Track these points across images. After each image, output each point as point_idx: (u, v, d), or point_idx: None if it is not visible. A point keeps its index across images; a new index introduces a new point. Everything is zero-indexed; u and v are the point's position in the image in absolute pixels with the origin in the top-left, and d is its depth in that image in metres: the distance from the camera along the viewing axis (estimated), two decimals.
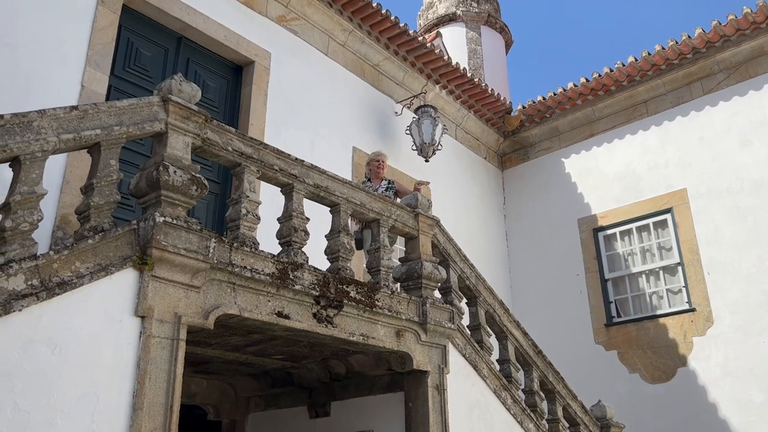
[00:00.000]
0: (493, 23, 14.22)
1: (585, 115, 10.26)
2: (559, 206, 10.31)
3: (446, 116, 10.09)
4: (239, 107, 7.09)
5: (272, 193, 4.97)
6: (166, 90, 3.75)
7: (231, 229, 4.08)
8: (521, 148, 11.12)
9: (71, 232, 5.02)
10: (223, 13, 6.92)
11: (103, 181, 3.40)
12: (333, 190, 4.77)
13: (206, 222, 6.45)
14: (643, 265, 9.36)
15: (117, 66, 6.04)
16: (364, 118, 8.59)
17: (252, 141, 4.27)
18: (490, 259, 10.16)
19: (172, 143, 3.67)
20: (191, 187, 3.60)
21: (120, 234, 3.30)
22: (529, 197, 10.80)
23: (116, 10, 5.94)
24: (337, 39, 8.41)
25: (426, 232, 5.45)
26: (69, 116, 3.27)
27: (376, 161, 6.88)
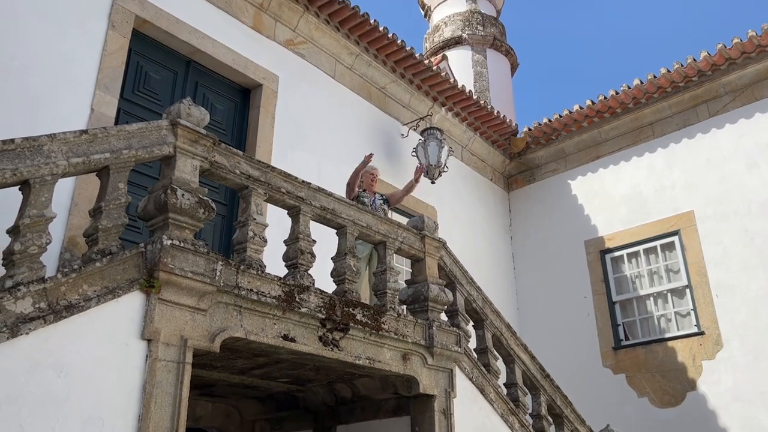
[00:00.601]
0: (499, 46, 14.33)
1: (591, 137, 10.28)
2: (565, 228, 10.28)
3: (452, 138, 10.13)
4: (247, 130, 7.14)
5: (279, 215, 4.99)
6: (175, 114, 3.78)
7: (238, 251, 4.09)
8: (527, 169, 11.13)
9: (79, 253, 5.04)
10: (232, 37, 7.00)
11: (112, 204, 3.42)
12: (339, 212, 4.78)
13: (213, 244, 6.46)
14: (650, 287, 9.30)
15: (126, 89, 6.11)
16: (370, 140, 8.63)
17: (259, 164, 4.30)
18: (497, 280, 10.12)
19: (180, 166, 3.70)
20: (199, 210, 3.62)
21: (127, 257, 3.31)
22: (535, 219, 10.78)
23: (126, 35, 6.02)
24: (344, 62, 8.48)
25: (432, 255, 5.44)
26: (79, 140, 3.30)
27: (371, 174, 6.94)
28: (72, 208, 5.16)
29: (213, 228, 6.49)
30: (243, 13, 7.25)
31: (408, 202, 8.87)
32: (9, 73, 5.15)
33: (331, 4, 7.85)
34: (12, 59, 5.21)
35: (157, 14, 6.30)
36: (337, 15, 8.03)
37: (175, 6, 6.50)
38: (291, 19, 7.75)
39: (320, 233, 5.50)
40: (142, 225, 5.43)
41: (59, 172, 3.19)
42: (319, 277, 4.72)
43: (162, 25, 6.32)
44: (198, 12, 6.72)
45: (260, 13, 7.45)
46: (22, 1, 5.39)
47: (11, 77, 5.16)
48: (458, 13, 14.64)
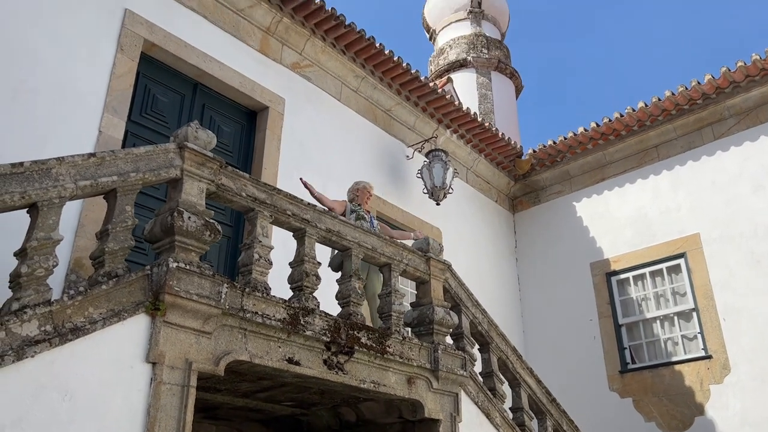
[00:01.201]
0: (504, 69, 14.43)
1: (596, 160, 10.31)
2: (571, 250, 10.26)
3: (457, 160, 10.17)
4: (253, 152, 7.19)
5: (284, 236, 5.00)
6: (183, 137, 3.82)
7: (243, 273, 4.10)
8: (532, 191, 11.14)
9: (85, 275, 5.05)
10: (239, 61, 7.08)
11: (118, 227, 3.44)
12: (345, 234, 4.79)
13: (218, 265, 6.47)
14: (657, 310, 9.24)
15: (134, 112, 6.17)
16: (375, 162, 8.67)
17: (265, 186, 4.33)
18: (502, 303, 10.08)
19: (187, 189, 3.72)
20: (205, 233, 3.64)
21: (133, 279, 3.32)
22: (540, 241, 10.76)
23: (135, 58, 6.09)
24: (349, 85, 8.55)
25: (437, 277, 5.44)
26: (87, 163, 3.33)
27: (368, 191, 6.67)
28: (78, 230, 5.19)
29: (218, 249, 6.50)
30: (250, 36, 7.34)
31: (413, 224, 8.87)
32: (19, 96, 5.21)
33: (338, 28, 7.94)
34: (22, 82, 5.27)
35: (166, 38, 6.38)
36: (343, 38, 8.12)
37: (184, 30, 6.58)
38: (298, 42, 7.84)
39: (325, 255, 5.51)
40: (148, 247, 5.45)
41: (67, 195, 3.21)
42: (324, 299, 4.72)
43: (170, 48, 6.40)
44: (206, 36, 6.81)
45: (267, 36, 7.54)
46: (34, 26, 5.47)
47: (21, 100, 5.22)
48: (463, 36, 14.77)
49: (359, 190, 6.68)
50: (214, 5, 7.00)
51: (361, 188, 6.71)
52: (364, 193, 6.64)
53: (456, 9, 15.24)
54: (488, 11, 15.27)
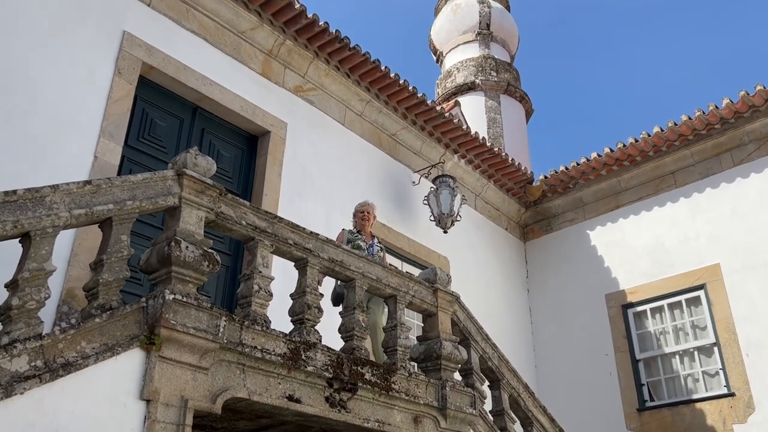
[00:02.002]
0: (513, 92, 14.54)
1: (610, 186, 10.32)
2: (585, 280, 10.22)
3: (465, 186, 10.20)
4: (254, 177, 7.23)
5: (284, 264, 4.99)
6: (181, 164, 3.85)
7: (242, 306, 4.10)
8: (544, 219, 11.14)
9: (77, 306, 5.05)
10: (240, 84, 7.16)
11: (113, 257, 3.45)
12: (348, 264, 4.79)
13: (216, 296, 6.46)
14: (676, 345, 9.16)
15: (131, 136, 6.22)
16: (380, 189, 8.70)
17: (266, 215, 4.34)
18: (513, 336, 10.01)
19: (185, 218, 3.74)
20: (203, 263, 3.65)
21: (128, 312, 3.32)
22: (553, 270, 10.73)
23: (133, 81, 6.17)
24: (354, 109, 8.63)
25: (445, 309, 5.42)
26: (82, 191, 3.36)
27: (361, 212, 6.37)
28: (71, 259, 5.20)
29: (216, 279, 6.50)
30: (252, 59, 7.43)
31: (419, 252, 8.87)
32: (12, 120, 5.27)
33: (342, 51, 8.03)
34: (16, 106, 5.33)
35: (165, 61, 6.47)
36: (347, 61, 8.21)
37: (183, 52, 6.67)
38: (300, 65, 7.93)
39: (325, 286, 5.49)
40: (144, 277, 5.45)
41: (61, 224, 3.23)
42: (326, 332, 4.70)
43: (169, 71, 6.48)
44: (206, 58, 6.90)
45: (269, 59, 7.63)
46: (29, 48, 5.56)
47: (14, 124, 5.27)
48: (471, 58, 14.92)
49: (355, 215, 6.49)
50: (215, 27, 7.11)
51: (356, 212, 6.48)
52: (362, 216, 6.39)
53: (464, 31, 15.42)
54: (497, 33, 15.44)
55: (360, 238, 6.21)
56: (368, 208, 6.44)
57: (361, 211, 6.43)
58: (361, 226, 6.38)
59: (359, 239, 6.17)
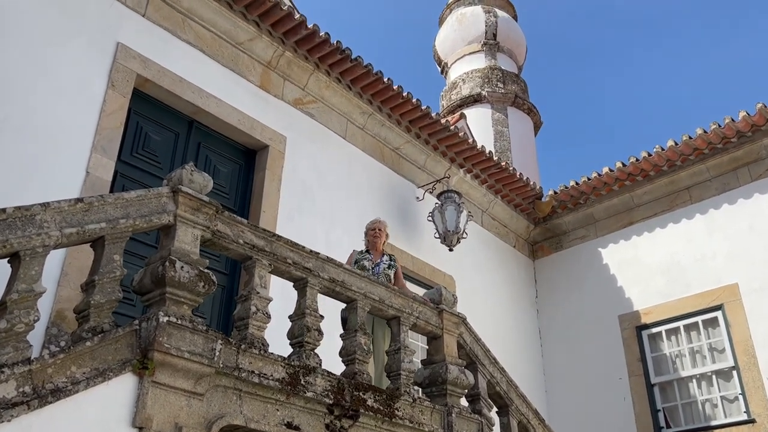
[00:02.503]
0: (521, 104, 14.60)
1: (623, 202, 10.32)
2: (597, 300, 10.19)
3: (471, 202, 10.21)
4: (251, 193, 7.25)
5: (283, 284, 5.00)
6: (177, 180, 3.87)
7: (239, 328, 4.10)
8: (554, 236, 11.13)
9: (67, 328, 5.05)
10: (238, 97, 7.20)
11: (106, 278, 3.46)
12: (350, 284, 4.80)
13: (211, 318, 6.46)
14: (693, 368, 9.12)
15: (124, 151, 6.25)
16: (383, 204, 8.72)
17: (265, 233, 4.35)
18: (523, 360, 9.97)
19: (180, 236, 3.75)
20: (198, 284, 3.65)
21: (120, 335, 3.32)
22: (563, 290, 10.70)
23: (126, 94, 6.21)
24: (355, 122, 8.67)
25: (451, 331, 5.41)
26: (73, 209, 3.37)
27: (372, 230, 6.44)
28: (61, 279, 5.21)
29: (212, 300, 6.50)
30: (250, 71, 7.48)
31: (423, 271, 8.87)
32: (1, 134, 5.30)
33: (343, 62, 8.09)
34: (5, 120, 5.37)
35: (160, 73, 6.52)
36: (348, 73, 8.26)
37: (179, 64, 6.73)
38: (300, 77, 7.99)
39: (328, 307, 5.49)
40: (137, 298, 5.45)
41: (51, 244, 3.24)
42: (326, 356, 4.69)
43: (164, 84, 6.53)
44: (202, 70, 6.95)
45: (268, 71, 7.69)
46: (20, 60, 5.60)
47: (3, 138, 5.31)
48: (477, 69, 15.01)
49: (366, 233, 6.53)
50: (212, 38, 7.17)
51: (367, 230, 6.52)
52: (374, 233, 6.43)
53: (469, 41, 15.53)
54: (504, 43, 15.54)
55: (367, 257, 6.24)
56: (379, 225, 6.49)
57: (372, 229, 6.47)
58: (372, 244, 6.40)
59: (365, 259, 6.20)
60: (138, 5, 6.57)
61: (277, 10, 7.34)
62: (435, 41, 16.52)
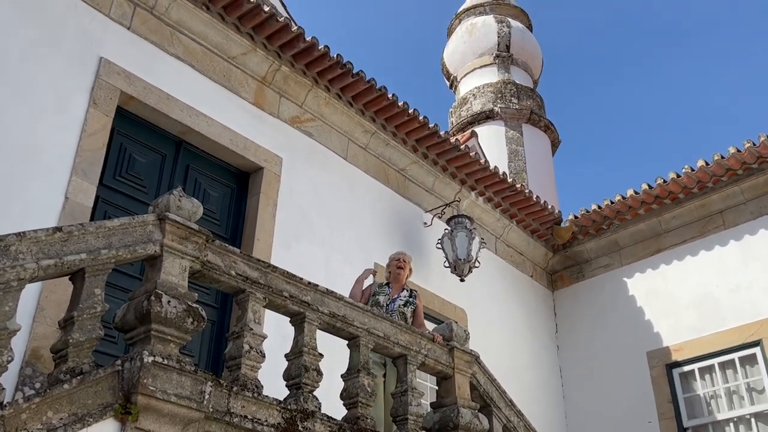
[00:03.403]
0: (537, 121, 14.66)
1: (649, 228, 10.30)
2: (623, 335, 10.12)
3: (484, 227, 10.21)
4: (244, 219, 7.27)
5: (278, 319, 4.99)
6: (163, 207, 3.89)
7: (230, 368, 4.09)
8: (575, 264, 11.11)
9: (42, 368, 5.04)
10: (230, 115, 7.25)
11: (86, 314, 3.47)
12: (352, 319, 4.80)
13: (200, 356, 6.44)
14: (729, 410, 9.02)
15: (107, 174, 6.29)
16: (388, 231, 8.73)
17: (259, 263, 4.37)
18: (542, 401, 9.90)
19: (167, 268, 3.77)
20: (186, 320, 3.65)
21: (101, 377, 3.32)
22: (586, 324, 10.65)
23: (109, 113, 6.26)
24: (357, 141, 8.71)
25: (463, 371, 5.39)
26: (51, 239, 3.39)
27: (396, 260, 6.58)
28: (37, 314, 5.21)
29: (200, 337, 6.48)
30: (243, 87, 7.55)
31: (432, 304, 8.84)
32: None
33: (344, 77, 8.15)
34: None
35: (146, 90, 6.58)
36: (350, 89, 8.32)
37: (166, 80, 6.79)
38: (298, 93, 8.05)
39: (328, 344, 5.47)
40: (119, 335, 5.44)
41: (27, 277, 3.26)
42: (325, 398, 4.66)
43: (150, 101, 6.59)
44: (192, 87, 7.01)
45: (263, 87, 7.75)
46: None
47: None
48: (489, 83, 15.10)
49: (389, 264, 6.68)
50: (203, 52, 7.24)
51: (390, 261, 6.67)
52: (398, 264, 6.54)
53: (480, 53, 15.64)
54: (518, 55, 15.65)
55: (384, 292, 6.32)
56: (405, 256, 6.65)
57: (396, 259, 6.60)
58: (395, 277, 6.48)
59: (382, 293, 6.29)
60: (122, 17, 6.65)
61: (273, 21, 7.42)
62: (443, 54, 16.65)
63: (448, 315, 8.76)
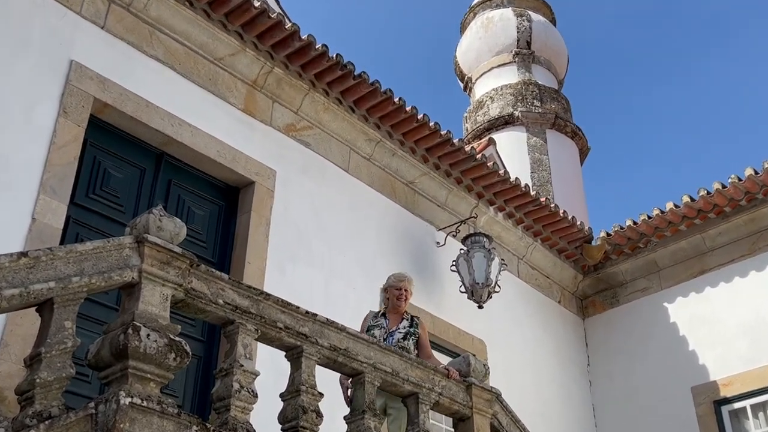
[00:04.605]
0: (563, 126, 14.68)
1: (692, 246, 10.27)
2: (664, 368, 10.09)
3: (505, 247, 10.20)
4: (233, 241, 7.28)
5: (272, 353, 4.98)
6: (142, 228, 3.90)
7: (218, 410, 4.08)
8: (608, 288, 11.08)
9: (7, 412, 5.01)
10: (217, 123, 7.28)
11: (54, 350, 3.46)
12: (355, 353, 4.78)
13: (184, 396, 6.43)
14: None
15: (79, 192, 6.31)
16: (395, 251, 8.72)
17: (250, 290, 4.37)
18: None
19: (146, 297, 3.76)
20: (168, 356, 3.65)
21: (72, 421, 3.31)
22: (622, 355, 10.61)
23: (81, 123, 6.29)
24: (360, 151, 8.73)
25: (483, 411, 5.37)
26: (16, 266, 3.39)
27: (397, 289, 6.22)
28: (0, 351, 5.21)
29: (185, 373, 6.47)
30: (231, 92, 7.58)
31: (447, 334, 8.82)
32: None
33: (345, 79, 8.18)
34: None
35: (122, 96, 6.62)
36: (351, 92, 8.35)
37: (145, 86, 6.82)
38: (293, 98, 8.08)
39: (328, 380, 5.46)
40: (92, 374, 5.44)
41: None
42: None
43: (127, 109, 6.62)
44: (174, 92, 7.05)
45: (253, 92, 7.79)
46: None
47: None
48: (508, 85, 15.14)
49: (387, 290, 6.33)
50: (186, 54, 7.28)
51: (389, 287, 6.32)
52: (396, 295, 6.21)
53: (498, 51, 15.70)
54: (540, 53, 15.71)
55: (380, 324, 6.05)
56: (406, 283, 6.27)
57: (397, 288, 6.23)
58: (394, 307, 6.19)
59: (378, 326, 6.01)
60: (96, 15, 6.70)
61: (264, 18, 7.46)
62: (456, 52, 16.73)
63: (464, 347, 8.74)
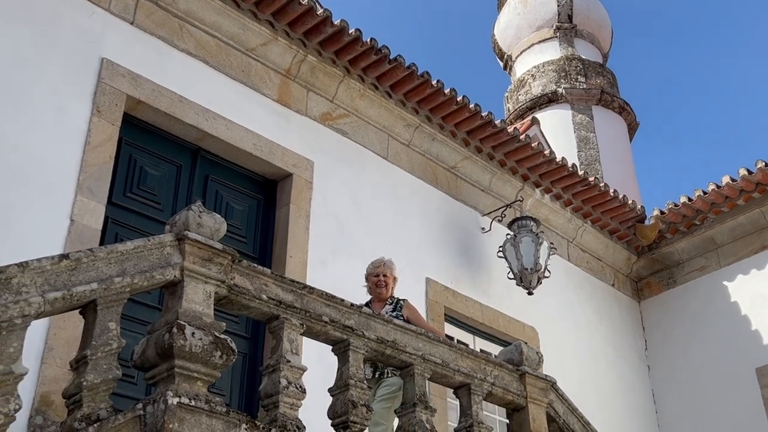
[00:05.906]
0: (609, 102, 14.50)
1: (751, 221, 10.13)
2: (726, 350, 9.98)
3: (553, 230, 10.13)
4: (274, 234, 7.33)
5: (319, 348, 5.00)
6: (182, 225, 3.93)
7: (267, 407, 4.10)
8: (664, 268, 10.97)
9: (53, 416, 5.14)
10: (252, 116, 7.32)
11: (100, 352, 3.51)
12: (403, 345, 4.78)
13: (231, 394, 6.50)
14: None
15: (116, 191, 6.40)
16: (439, 239, 8.71)
17: (293, 284, 4.39)
18: (633, 431, 9.77)
19: (189, 295, 3.80)
20: (214, 354, 3.68)
21: (121, 423, 3.36)
22: (681, 338, 10.52)
23: (116, 121, 6.37)
24: (399, 137, 8.72)
25: (538, 401, 5.34)
26: (57, 268, 3.44)
27: (375, 276, 6.25)
28: (45, 355, 5.31)
29: (230, 372, 6.54)
30: (265, 83, 7.62)
31: (496, 323, 8.79)
32: None
33: (380, 64, 8.16)
34: None
35: (155, 92, 6.68)
36: (387, 77, 8.34)
37: (178, 81, 6.88)
38: (327, 86, 8.10)
39: None
40: (138, 374, 5.53)
41: (32, 313, 3.31)
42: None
43: (161, 105, 6.69)
44: (207, 86, 7.10)
45: (287, 81, 7.82)
46: None
47: None
48: (550, 61, 14.99)
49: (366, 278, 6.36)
50: (217, 46, 7.33)
51: (367, 276, 6.34)
52: (374, 281, 6.25)
53: (538, 26, 15.55)
54: (582, 26, 15.53)
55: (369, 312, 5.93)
56: (384, 269, 6.29)
57: (375, 275, 6.27)
58: (377, 294, 6.23)
59: None
60: (125, 11, 6.77)
61: (295, 5, 7.47)
62: (494, 30, 16.61)
63: (515, 335, 8.70)
